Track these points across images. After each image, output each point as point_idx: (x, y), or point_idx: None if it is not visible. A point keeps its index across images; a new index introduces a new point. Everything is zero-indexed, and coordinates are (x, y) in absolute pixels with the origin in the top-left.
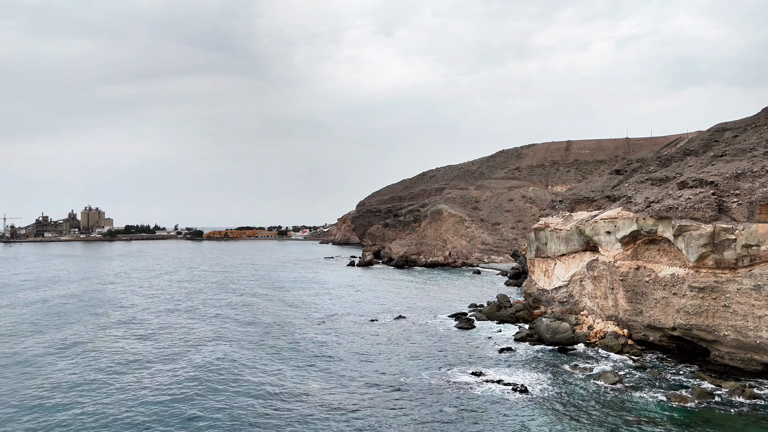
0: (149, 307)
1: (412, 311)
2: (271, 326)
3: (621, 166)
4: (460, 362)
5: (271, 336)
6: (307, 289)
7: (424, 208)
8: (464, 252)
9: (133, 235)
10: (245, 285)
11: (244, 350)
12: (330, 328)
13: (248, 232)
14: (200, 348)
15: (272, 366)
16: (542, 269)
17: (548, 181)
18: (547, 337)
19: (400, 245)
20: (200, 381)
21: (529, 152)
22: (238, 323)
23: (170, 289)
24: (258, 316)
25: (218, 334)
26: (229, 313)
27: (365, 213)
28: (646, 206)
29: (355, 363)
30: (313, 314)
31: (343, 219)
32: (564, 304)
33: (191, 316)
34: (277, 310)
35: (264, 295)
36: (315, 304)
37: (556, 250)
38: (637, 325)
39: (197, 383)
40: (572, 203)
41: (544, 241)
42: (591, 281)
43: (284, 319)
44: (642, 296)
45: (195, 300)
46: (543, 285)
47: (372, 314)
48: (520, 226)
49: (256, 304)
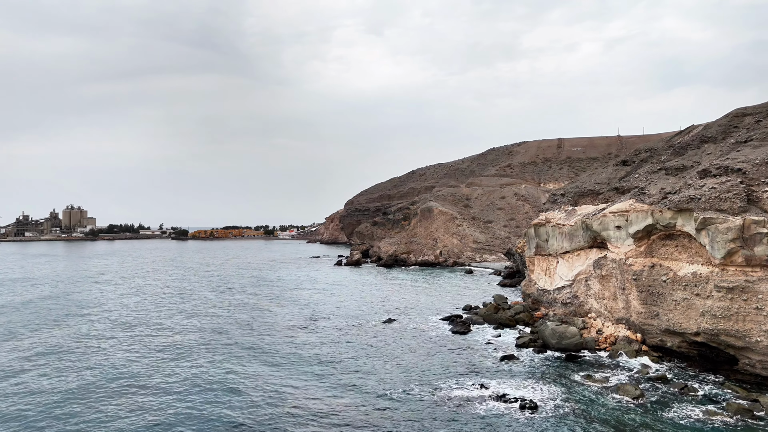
0: (116, 311)
1: (403, 314)
2: (246, 331)
3: (628, 157)
4: (456, 373)
5: (244, 343)
6: (290, 290)
7: (414, 205)
8: (455, 251)
9: (116, 235)
10: (223, 286)
11: (213, 358)
12: (312, 334)
13: (234, 232)
14: (166, 353)
15: (242, 378)
16: (543, 268)
17: (540, 179)
18: (553, 343)
19: (390, 244)
20: (164, 389)
21: (520, 150)
22: (208, 328)
23: (143, 290)
24: (233, 320)
25: (185, 341)
26: (200, 317)
27: (353, 212)
28: (661, 198)
29: (336, 374)
30: (294, 318)
31: (331, 218)
32: (567, 305)
33: (160, 317)
34: (254, 313)
35: (242, 296)
36: (297, 306)
37: (558, 247)
38: (653, 330)
39: (161, 390)
40: (575, 196)
41: (545, 238)
42: (598, 281)
43: (262, 324)
44: (658, 297)
45: (166, 301)
46: (544, 285)
47: (359, 317)
48: (512, 224)
49: (232, 306)
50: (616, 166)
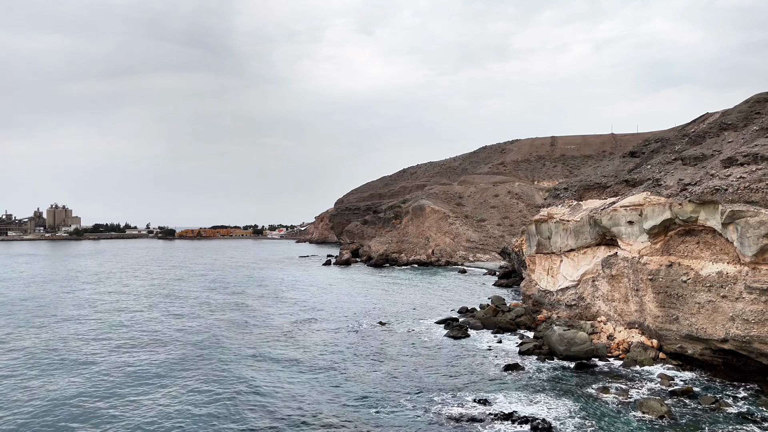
0: (85, 314)
1: (394, 316)
2: (224, 336)
3: (636, 148)
4: (454, 385)
5: (218, 350)
6: (275, 291)
7: (405, 204)
8: (448, 250)
9: (101, 234)
10: (204, 286)
11: (183, 368)
12: (294, 339)
13: (222, 231)
14: (133, 358)
15: (209, 393)
16: (545, 267)
17: (534, 177)
18: (561, 350)
19: (380, 243)
20: (134, 396)
21: (512, 147)
22: (183, 333)
23: (119, 290)
24: (212, 324)
25: (156, 349)
26: (175, 321)
27: (343, 211)
28: (680, 189)
29: (319, 387)
30: (278, 321)
31: (320, 217)
32: (572, 307)
33: (130, 321)
34: (236, 316)
35: (222, 298)
36: (281, 309)
37: (562, 244)
38: (672, 335)
39: (126, 397)
40: (580, 190)
41: (547, 235)
42: (607, 281)
43: (242, 328)
44: (678, 300)
45: (140, 303)
46: (546, 285)
47: (347, 320)
48: (506, 223)
49: (212, 309)
50: (623, 158)
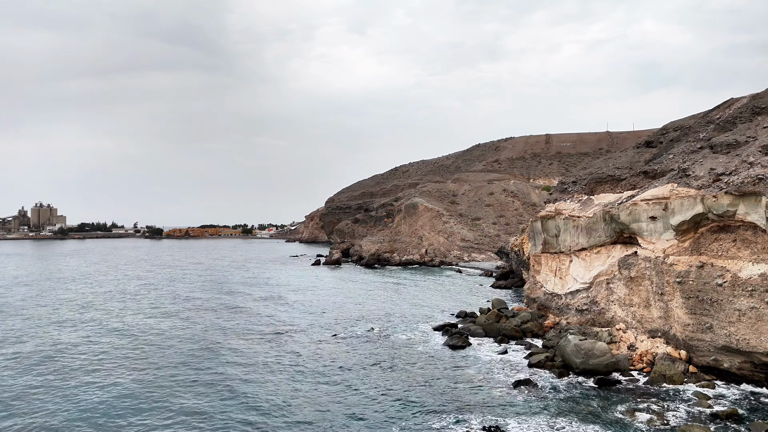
0: (49, 316)
1: (387, 321)
2: (198, 343)
3: (652, 137)
4: (456, 405)
5: (192, 359)
6: (259, 292)
7: (397, 202)
8: (442, 249)
9: (86, 233)
10: (186, 287)
11: (145, 382)
12: (277, 349)
13: (211, 231)
14: (90, 378)
15: (175, 413)
16: (551, 268)
17: (530, 174)
18: (577, 363)
19: (372, 242)
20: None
21: (507, 145)
22: (156, 338)
23: (92, 291)
24: (186, 329)
25: (122, 356)
26: (149, 324)
27: (334, 210)
28: (713, 180)
29: (296, 409)
30: (259, 327)
31: (311, 216)
32: (584, 312)
33: (96, 327)
34: (214, 320)
35: (205, 299)
36: (265, 312)
37: (572, 243)
38: (704, 346)
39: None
40: (591, 184)
41: (555, 233)
42: (624, 283)
43: (219, 335)
44: (712, 306)
45: (113, 305)
46: (552, 288)
47: (335, 326)
48: (502, 222)
49: (190, 311)
50: (637, 149)
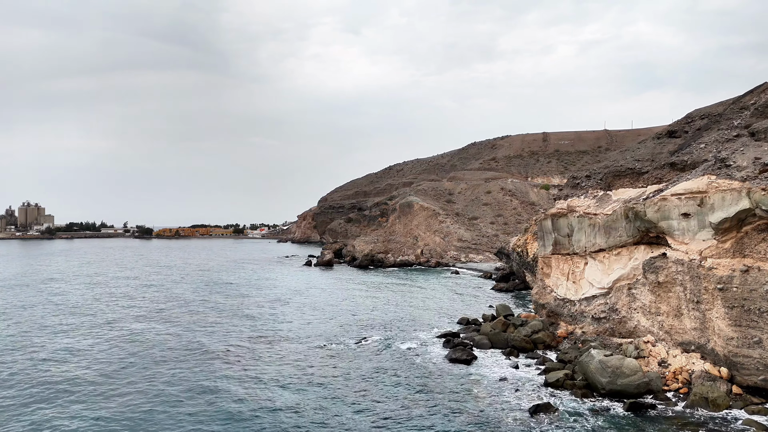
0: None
1: (381, 329)
2: (171, 354)
3: (675, 126)
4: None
5: (162, 373)
6: (242, 297)
7: (392, 200)
8: (438, 250)
9: (75, 233)
10: (166, 290)
11: (106, 401)
12: (257, 361)
13: (201, 230)
14: (49, 395)
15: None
16: (563, 271)
17: (528, 173)
18: (603, 383)
19: (365, 242)
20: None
21: (503, 143)
22: (125, 346)
23: (68, 293)
24: (161, 337)
25: (85, 370)
26: (120, 332)
27: (327, 209)
28: (760, 170)
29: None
30: (240, 335)
31: (303, 216)
32: (601, 321)
33: (58, 334)
34: (193, 327)
35: (185, 304)
36: (248, 318)
37: (587, 243)
38: (751, 364)
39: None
40: (608, 178)
41: (567, 232)
42: (650, 289)
43: (196, 344)
44: (762, 317)
45: (84, 310)
46: (564, 293)
47: (324, 335)
48: (500, 221)
49: (168, 316)
50: (657, 139)
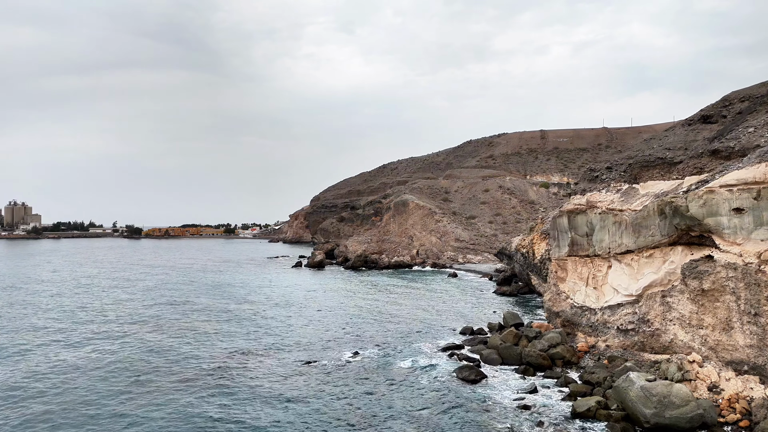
0: None
1: (376, 341)
2: (134, 371)
3: (710, 110)
4: None
5: (120, 395)
6: (223, 302)
7: (386, 199)
8: (435, 250)
9: (62, 233)
10: (140, 294)
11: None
12: (230, 381)
13: (192, 230)
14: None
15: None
16: (581, 275)
17: (526, 171)
18: (647, 415)
19: (358, 242)
20: None
21: (500, 141)
22: (80, 362)
23: (30, 300)
24: (124, 350)
25: (32, 392)
26: (78, 345)
27: (320, 208)
28: None
29: None
30: (213, 348)
31: (295, 215)
32: (629, 333)
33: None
34: (163, 337)
35: (155, 310)
36: (225, 329)
37: (611, 243)
38: None
39: None
40: (634, 169)
41: (586, 231)
42: (691, 297)
43: (163, 359)
44: None
45: (39, 317)
46: (583, 300)
47: (311, 348)
48: (498, 220)
49: (134, 329)
50: (689, 126)
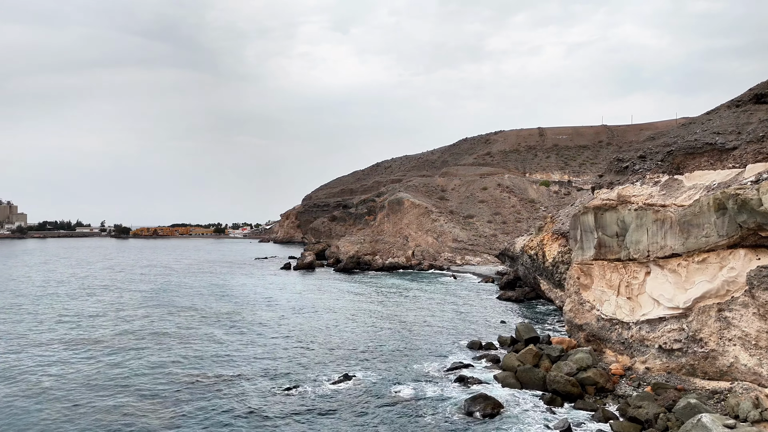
0: None
1: (369, 361)
2: (81, 395)
3: (764, 89)
4: None
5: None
6: (196, 311)
7: (380, 197)
8: (431, 251)
9: (48, 232)
10: (108, 297)
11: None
12: (186, 419)
13: (181, 230)
14: None
15: None
16: (611, 282)
17: (525, 168)
18: None
19: (351, 243)
20: None
21: (498, 138)
22: (13, 390)
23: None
24: (71, 366)
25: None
26: (19, 366)
27: (311, 207)
28: None
29: None
30: (172, 371)
31: (286, 215)
32: (674, 354)
33: None
34: (114, 355)
35: (105, 326)
36: (193, 344)
37: (651, 245)
38: None
39: None
40: (676, 157)
41: (616, 230)
42: (758, 313)
43: (112, 381)
44: None
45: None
46: (613, 312)
47: (291, 370)
48: (498, 220)
49: (91, 336)
50: (737, 107)
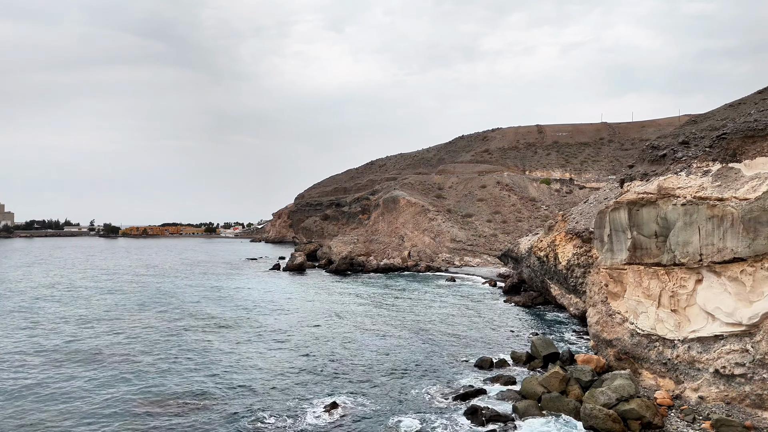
0: None
1: (361, 383)
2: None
3: None
4: None
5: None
6: (166, 321)
7: (374, 195)
8: (428, 252)
9: (35, 231)
10: (81, 301)
11: None
12: None
13: (171, 229)
14: None
15: None
16: (649, 291)
17: (525, 166)
18: None
19: (343, 243)
20: None
21: (495, 135)
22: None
23: None
24: (17, 379)
25: None
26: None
27: (304, 206)
28: None
29: None
30: (131, 400)
31: (278, 214)
32: (735, 381)
33: None
34: (70, 369)
35: (75, 331)
36: (160, 361)
37: (705, 248)
38: None
39: None
40: (731, 142)
41: (655, 229)
42: None
43: (62, 403)
44: None
45: None
46: (651, 326)
47: (269, 395)
48: (498, 219)
49: (49, 345)
50: None
